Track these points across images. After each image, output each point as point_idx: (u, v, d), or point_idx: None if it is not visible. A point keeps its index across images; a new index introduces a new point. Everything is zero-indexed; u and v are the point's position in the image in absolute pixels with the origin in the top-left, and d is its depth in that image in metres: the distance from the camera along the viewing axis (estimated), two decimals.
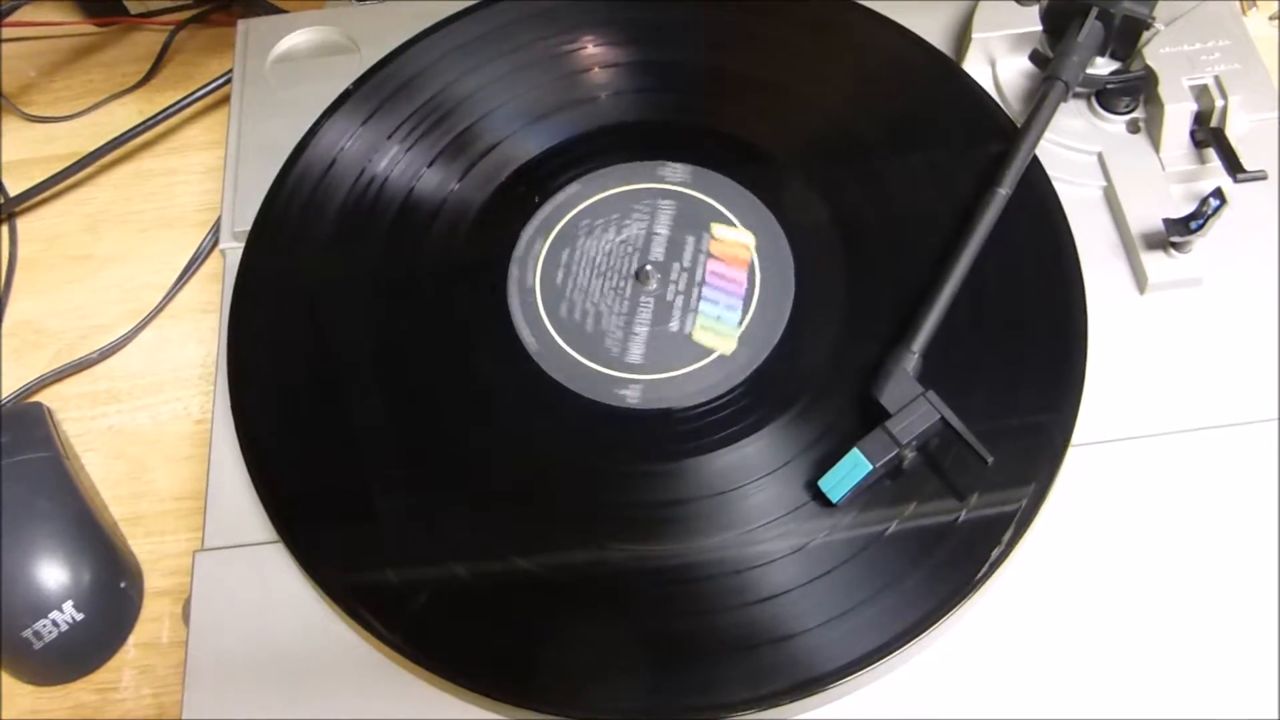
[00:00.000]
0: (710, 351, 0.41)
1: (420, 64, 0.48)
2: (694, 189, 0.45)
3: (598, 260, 0.44)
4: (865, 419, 0.39)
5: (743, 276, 0.43)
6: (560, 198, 0.45)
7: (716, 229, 0.43)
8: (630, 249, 0.44)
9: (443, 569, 0.38)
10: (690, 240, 0.44)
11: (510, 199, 0.45)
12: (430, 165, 0.46)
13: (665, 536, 0.38)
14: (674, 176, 0.45)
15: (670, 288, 0.43)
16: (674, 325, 0.42)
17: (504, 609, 0.38)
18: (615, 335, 0.42)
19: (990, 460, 0.37)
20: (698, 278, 0.43)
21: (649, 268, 0.43)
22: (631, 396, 0.41)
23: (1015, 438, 0.38)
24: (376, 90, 0.47)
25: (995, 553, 0.37)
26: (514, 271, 0.43)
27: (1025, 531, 0.37)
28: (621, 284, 0.43)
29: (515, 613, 0.38)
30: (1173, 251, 0.42)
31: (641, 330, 0.42)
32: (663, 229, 0.44)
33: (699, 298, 0.42)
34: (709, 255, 0.43)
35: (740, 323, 0.42)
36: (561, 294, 0.43)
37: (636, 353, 0.42)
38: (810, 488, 0.38)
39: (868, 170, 0.45)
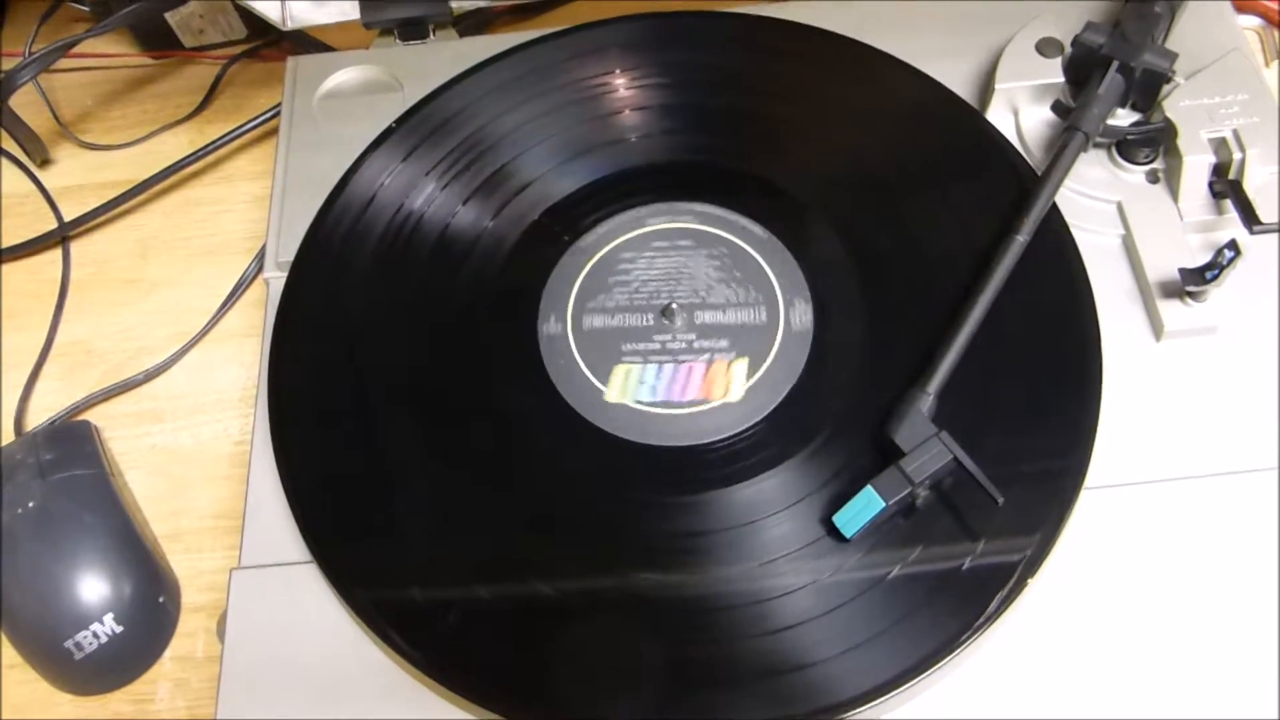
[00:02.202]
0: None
1: (458, 104, 0.50)
2: (719, 229, 0.46)
3: (624, 297, 0.45)
4: (880, 457, 0.39)
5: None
6: (590, 236, 0.46)
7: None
8: (656, 287, 0.45)
9: (468, 593, 0.39)
10: (711, 279, 0.45)
11: (541, 237, 0.46)
12: (465, 203, 0.47)
13: (685, 567, 0.39)
14: (698, 217, 0.46)
15: (695, 325, 0.44)
16: (700, 358, 0.43)
17: (527, 633, 0.39)
18: (643, 370, 0.43)
19: (1001, 501, 0.37)
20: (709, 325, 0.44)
21: (675, 305, 0.44)
22: (658, 430, 0.42)
23: (1028, 479, 0.39)
24: (416, 129, 0.49)
25: (1007, 590, 0.37)
26: (544, 306, 0.45)
27: (1036, 571, 0.38)
28: (649, 321, 0.44)
29: (538, 637, 0.39)
30: (1189, 300, 0.43)
31: (669, 364, 0.43)
32: (687, 268, 0.45)
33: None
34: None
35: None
36: (590, 329, 0.44)
37: (663, 387, 0.43)
38: (825, 523, 0.39)
39: (889, 214, 0.46)
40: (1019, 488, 0.38)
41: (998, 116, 0.48)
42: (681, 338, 0.44)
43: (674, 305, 0.44)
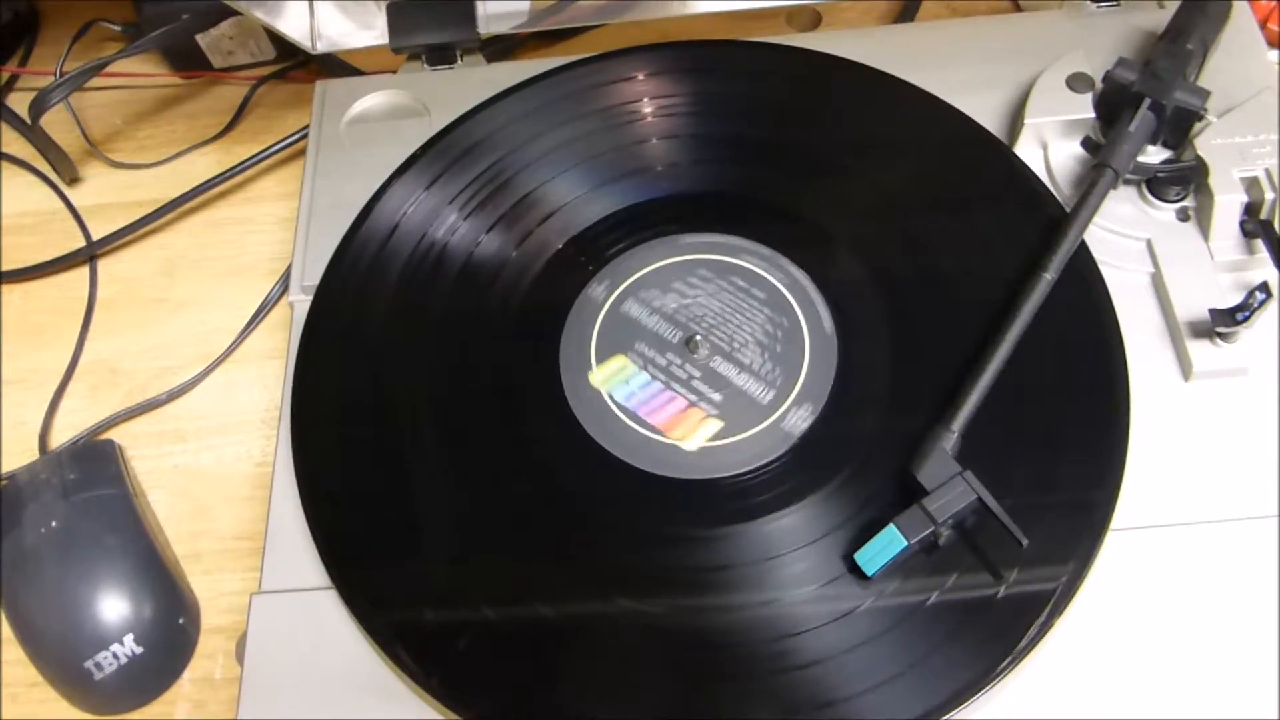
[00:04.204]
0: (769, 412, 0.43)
1: (484, 131, 0.50)
2: (744, 260, 0.46)
3: (647, 327, 0.45)
4: (904, 495, 0.39)
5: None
6: (614, 266, 0.46)
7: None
8: (681, 319, 0.45)
9: (488, 622, 0.39)
10: (738, 309, 0.45)
11: (565, 266, 0.46)
12: (489, 231, 0.47)
13: (705, 600, 0.39)
14: (724, 248, 0.46)
15: (717, 354, 0.44)
16: (686, 396, 0.43)
17: (546, 663, 0.39)
18: (635, 373, 0.43)
19: (1025, 543, 0.37)
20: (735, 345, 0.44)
21: (698, 337, 0.44)
22: (679, 463, 0.42)
23: (1054, 519, 0.39)
24: (441, 155, 0.49)
25: (1031, 633, 0.37)
26: (566, 335, 0.45)
27: (1061, 613, 0.37)
28: (671, 352, 0.44)
29: (557, 668, 0.39)
30: (1219, 341, 0.42)
31: (658, 383, 0.43)
32: (710, 299, 0.45)
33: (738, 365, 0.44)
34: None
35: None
36: (614, 359, 0.44)
37: (639, 399, 0.43)
38: (846, 560, 0.39)
39: (916, 248, 0.46)
40: (1044, 528, 0.38)
41: (1026, 151, 0.48)
42: (689, 369, 0.44)
43: (696, 336, 0.44)
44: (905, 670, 0.37)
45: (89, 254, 0.57)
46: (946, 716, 0.36)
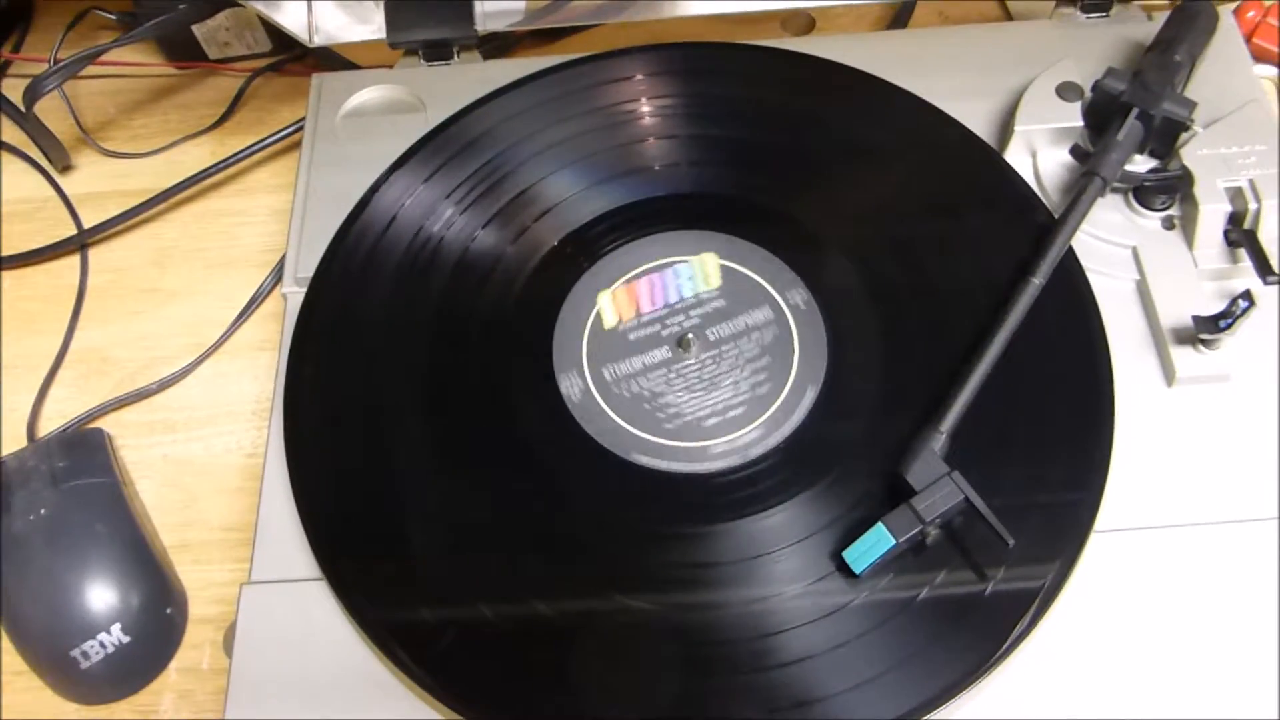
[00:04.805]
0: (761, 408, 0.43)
1: (481, 127, 0.50)
2: (735, 261, 0.46)
3: (642, 325, 0.45)
4: (892, 494, 0.40)
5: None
6: (607, 263, 0.47)
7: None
8: (673, 317, 0.45)
9: (477, 615, 0.40)
10: (729, 307, 0.45)
11: (560, 262, 0.47)
12: (485, 226, 0.48)
13: (692, 597, 0.39)
14: (717, 248, 0.47)
15: (710, 354, 0.44)
16: (717, 392, 0.44)
17: (534, 657, 0.39)
18: (660, 399, 0.43)
19: (1011, 543, 0.38)
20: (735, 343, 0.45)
21: (690, 335, 0.44)
22: (670, 455, 0.42)
23: (1039, 520, 0.39)
24: (438, 151, 0.50)
25: (1016, 631, 0.38)
26: (559, 331, 0.45)
27: (1045, 613, 0.38)
28: (665, 350, 0.45)
29: (545, 661, 0.39)
30: (1202, 347, 0.43)
31: (685, 394, 0.44)
32: (704, 298, 0.46)
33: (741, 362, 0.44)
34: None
35: None
36: (607, 355, 0.45)
37: (679, 416, 0.43)
38: (835, 558, 0.39)
39: (906, 251, 0.46)
40: (1029, 529, 0.39)
41: (1016, 158, 0.48)
42: (673, 326, 0.45)
43: (689, 335, 0.44)
44: (892, 667, 0.37)
45: (80, 242, 0.57)
46: (933, 714, 0.37)
